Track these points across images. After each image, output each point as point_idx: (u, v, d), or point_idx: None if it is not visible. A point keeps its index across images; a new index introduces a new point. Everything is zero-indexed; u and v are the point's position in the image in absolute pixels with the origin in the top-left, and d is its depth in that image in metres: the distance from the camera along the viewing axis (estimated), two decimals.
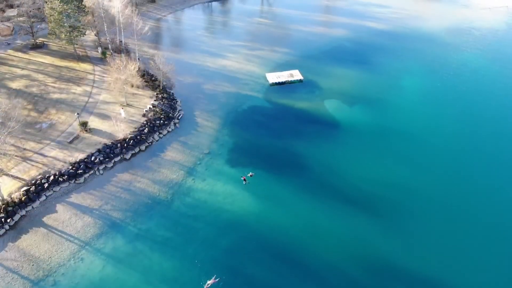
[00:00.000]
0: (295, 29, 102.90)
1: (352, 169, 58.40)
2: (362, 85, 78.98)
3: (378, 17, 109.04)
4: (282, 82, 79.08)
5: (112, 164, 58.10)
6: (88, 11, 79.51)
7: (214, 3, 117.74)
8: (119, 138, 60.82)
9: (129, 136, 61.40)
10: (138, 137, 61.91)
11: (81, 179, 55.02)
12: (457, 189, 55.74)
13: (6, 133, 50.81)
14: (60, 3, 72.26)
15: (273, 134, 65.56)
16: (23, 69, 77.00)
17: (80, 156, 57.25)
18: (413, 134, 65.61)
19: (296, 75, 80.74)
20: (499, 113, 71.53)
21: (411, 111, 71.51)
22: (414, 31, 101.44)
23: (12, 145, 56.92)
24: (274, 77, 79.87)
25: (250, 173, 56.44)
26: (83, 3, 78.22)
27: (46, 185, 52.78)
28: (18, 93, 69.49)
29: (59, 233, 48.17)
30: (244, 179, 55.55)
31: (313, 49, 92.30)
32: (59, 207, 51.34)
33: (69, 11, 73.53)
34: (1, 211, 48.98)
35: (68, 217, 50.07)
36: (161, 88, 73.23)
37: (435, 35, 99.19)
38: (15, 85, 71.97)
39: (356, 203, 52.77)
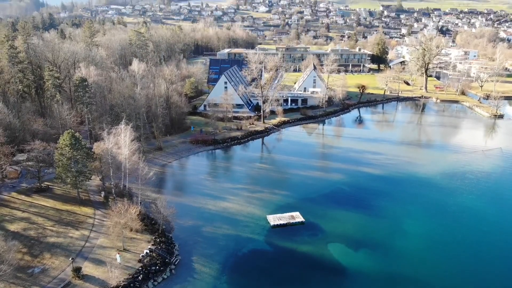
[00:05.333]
0: (293, 173, 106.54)
1: None
2: (365, 228, 78.24)
3: (373, 163, 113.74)
4: (283, 224, 78.37)
5: None
6: (96, 158, 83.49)
7: (218, 150, 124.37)
8: (111, 286, 57.42)
9: (122, 284, 58.07)
10: (132, 285, 58.52)
11: None
12: None
13: None
14: (70, 149, 76.31)
15: (275, 282, 62.11)
16: (24, 211, 77.24)
17: None
18: (421, 280, 62.48)
19: (297, 217, 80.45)
20: (500, 252, 70.49)
21: (416, 255, 69.46)
22: (409, 176, 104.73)
23: None
24: (275, 219, 79.45)
25: None
26: (92, 150, 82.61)
27: None
28: (15, 235, 68.29)
29: None
30: None
31: (312, 192, 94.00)
32: None
33: (78, 157, 77.17)
34: None
35: None
36: (160, 231, 72.16)
37: (430, 179, 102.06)
38: (13, 227, 71.26)
39: None
